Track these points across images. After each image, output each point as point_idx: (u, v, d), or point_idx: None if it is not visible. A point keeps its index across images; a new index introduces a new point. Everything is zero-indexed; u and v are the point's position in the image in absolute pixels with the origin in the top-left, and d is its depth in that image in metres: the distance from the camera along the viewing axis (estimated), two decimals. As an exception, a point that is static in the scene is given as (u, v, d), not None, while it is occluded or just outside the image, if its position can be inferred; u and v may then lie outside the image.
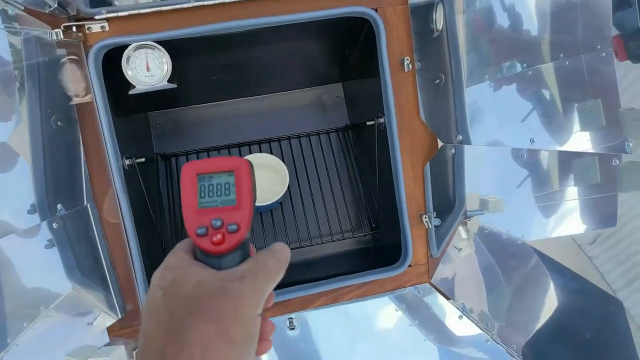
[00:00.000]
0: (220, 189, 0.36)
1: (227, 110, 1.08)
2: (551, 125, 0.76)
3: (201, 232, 0.35)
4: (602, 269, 0.92)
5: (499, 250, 0.85)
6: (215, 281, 0.33)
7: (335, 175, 1.06)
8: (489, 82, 0.77)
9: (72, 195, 0.71)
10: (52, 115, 0.70)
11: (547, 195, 0.82)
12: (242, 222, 0.35)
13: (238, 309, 0.32)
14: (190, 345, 0.30)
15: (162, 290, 0.33)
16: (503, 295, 0.84)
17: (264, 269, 0.35)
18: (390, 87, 0.77)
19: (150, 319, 0.33)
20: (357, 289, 0.82)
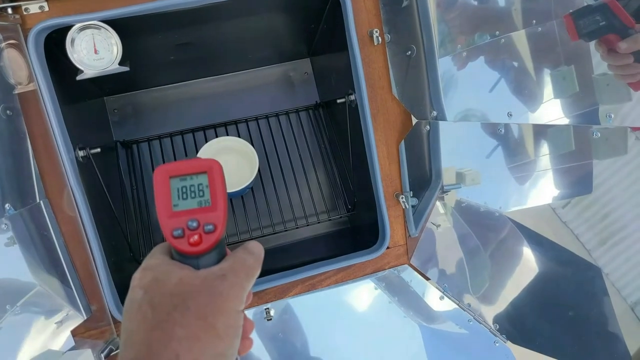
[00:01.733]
0: (194, 190, 0.37)
1: (189, 92, 1.03)
2: (526, 94, 0.74)
3: (177, 233, 0.36)
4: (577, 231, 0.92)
5: (477, 223, 0.85)
6: (197, 279, 0.34)
7: (308, 156, 1.03)
8: (461, 52, 0.75)
9: (22, 192, 0.66)
10: (1, 104, 0.65)
11: (522, 166, 0.81)
12: (219, 222, 0.36)
13: (222, 304, 0.33)
14: (177, 339, 0.31)
15: (142, 289, 0.34)
16: (483, 270, 0.84)
17: (243, 266, 0.36)
18: (360, 61, 0.73)
19: (132, 317, 0.33)
20: (335, 274, 0.80)
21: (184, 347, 0.31)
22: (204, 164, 0.38)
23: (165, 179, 0.37)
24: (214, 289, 0.34)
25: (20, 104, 0.66)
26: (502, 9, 0.74)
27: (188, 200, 0.37)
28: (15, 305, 0.67)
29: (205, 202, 0.37)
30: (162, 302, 0.33)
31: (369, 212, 0.88)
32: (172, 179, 0.37)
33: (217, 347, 0.32)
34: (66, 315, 0.71)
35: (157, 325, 0.32)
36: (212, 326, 0.32)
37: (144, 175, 0.96)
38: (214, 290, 0.34)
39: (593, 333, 0.77)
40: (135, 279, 0.36)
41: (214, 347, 0.32)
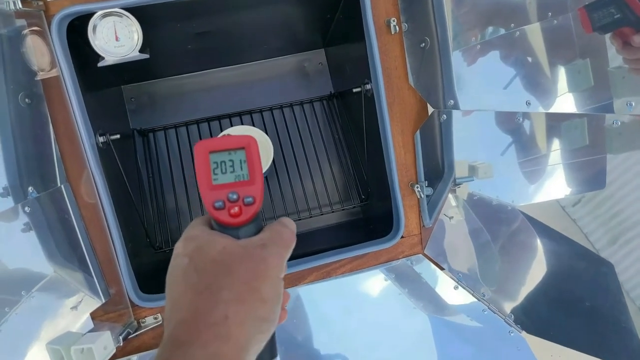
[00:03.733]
0: (232, 165, 0.39)
1: (205, 81, 1.04)
2: (540, 88, 0.75)
3: (218, 205, 0.38)
4: (586, 229, 0.93)
5: (489, 216, 0.85)
6: (239, 247, 0.36)
7: (322, 146, 1.04)
8: (475, 45, 0.76)
9: (44, 176, 0.69)
10: (19, 92, 0.67)
11: (535, 160, 0.82)
12: (257, 195, 0.39)
13: (265, 271, 0.35)
14: (224, 302, 0.33)
15: (187, 257, 0.36)
16: (496, 263, 0.85)
17: (281, 237, 0.38)
18: (377, 51, 0.74)
19: (178, 283, 0.35)
20: (349, 262, 0.82)
21: (231, 309, 0.33)
22: (241, 140, 0.40)
23: (205, 153, 0.39)
24: (256, 257, 0.36)
25: (43, 89, 0.68)
26: (517, 2, 0.74)
27: (227, 174, 0.39)
28: (31, 291, 0.69)
29: (243, 176, 0.39)
30: (207, 268, 0.35)
31: (382, 202, 0.90)
32: (212, 154, 0.39)
33: (262, 311, 0.34)
34: (81, 299, 0.73)
35: (204, 289, 0.34)
36: (257, 290, 0.34)
37: (160, 163, 0.98)
38: (257, 257, 0.36)
39: (607, 326, 0.77)
40: (179, 247, 0.38)
41: (259, 311, 0.34)
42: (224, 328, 0.32)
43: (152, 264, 0.91)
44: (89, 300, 0.73)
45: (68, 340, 0.66)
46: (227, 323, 0.32)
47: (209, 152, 0.39)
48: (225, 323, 0.32)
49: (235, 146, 0.40)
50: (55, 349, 0.65)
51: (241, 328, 0.33)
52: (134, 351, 0.76)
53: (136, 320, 0.76)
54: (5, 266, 0.66)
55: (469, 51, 0.76)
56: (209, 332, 0.32)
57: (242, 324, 0.33)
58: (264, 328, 0.35)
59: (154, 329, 0.76)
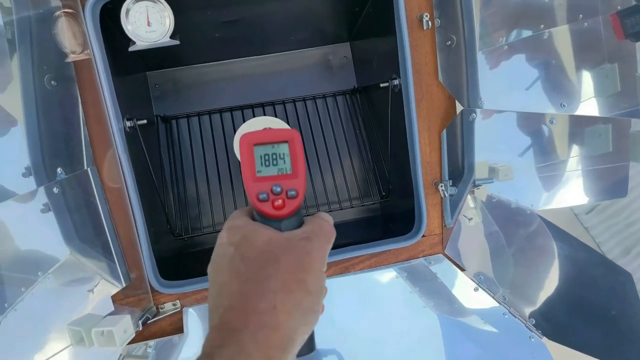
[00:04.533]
0: (276, 158, 0.40)
1: (229, 70, 1.05)
2: (565, 91, 0.74)
3: (263, 197, 0.39)
4: (599, 238, 0.93)
5: (508, 219, 0.85)
6: (284, 239, 0.37)
7: (343, 140, 1.04)
8: (503, 46, 0.75)
9: (72, 158, 0.69)
10: (45, 75, 0.68)
11: (556, 165, 0.81)
12: (300, 189, 0.39)
13: (310, 263, 0.36)
14: (272, 291, 0.33)
15: (232, 246, 0.37)
16: (515, 267, 0.85)
17: (323, 231, 0.39)
18: (408, 46, 0.74)
19: (224, 270, 0.36)
20: (369, 258, 0.82)
21: (279, 299, 0.33)
22: (285, 133, 0.41)
23: (250, 146, 0.40)
24: (301, 249, 0.36)
25: (75, 71, 0.69)
26: (546, 3, 0.74)
27: (270, 167, 0.40)
28: (47, 272, 0.70)
29: (286, 170, 0.40)
30: (254, 257, 0.35)
31: (403, 199, 0.90)
32: (256, 147, 0.40)
33: (308, 302, 0.35)
34: (98, 282, 0.73)
35: (251, 278, 0.34)
36: (303, 281, 0.35)
37: (182, 150, 0.99)
38: (301, 249, 0.36)
39: (625, 335, 0.77)
40: (223, 237, 0.38)
41: (304, 302, 0.34)
42: (273, 317, 0.33)
43: (172, 250, 0.92)
44: (108, 284, 0.74)
45: (89, 322, 0.67)
46: (275, 312, 0.33)
47: (254, 144, 0.40)
48: (273, 312, 0.33)
49: (279, 139, 0.40)
50: (76, 330, 0.66)
51: (288, 318, 0.33)
52: (151, 337, 0.77)
53: (155, 306, 0.77)
54: (22, 246, 0.67)
55: (496, 52, 0.76)
56: (258, 320, 0.33)
57: (289, 313, 0.34)
58: (310, 319, 0.36)
59: (172, 315, 0.77)
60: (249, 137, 0.40)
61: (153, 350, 0.76)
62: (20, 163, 0.65)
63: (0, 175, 0.63)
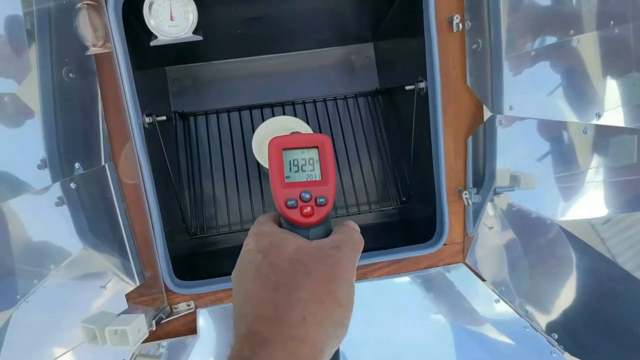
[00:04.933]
0: (305, 164, 0.39)
1: (250, 68, 1.03)
2: (587, 99, 0.72)
3: (291, 204, 0.38)
4: (615, 250, 0.90)
5: (527, 229, 0.83)
6: (313, 248, 0.36)
7: (363, 143, 1.02)
8: (530, 51, 0.73)
9: (90, 153, 0.69)
10: (64, 67, 0.67)
11: (578, 175, 0.79)
12: (330, 196, 0.38)
13: (340, 274, 0.34)
14: (303, 302, 0.32)
15: (261, 253, 0.36)
16: (535, 278, 0.82)
17: (352, 240, 0.37)
18: (436, 48, 0.72)
19: (251, 278, 0.35)
20: (387, 266, 0.80)
21: (309, 310, 0.32)
22: (315, 138, 0.40)
23: (279, 150, 0.39)
24: (331, 259, 0.35)
25: (95, 65, 0.68)
26: (576, 10, 0.71)
27: (299, 172, 0.39)
28: (60, 265, 0.69)
29: (315, 176, 0.39)
30: (284, 266, 0.34)
31: (424, 205, 0.88)
32: (285, 151, 0.39)
33: (338, 314, 0.33)
34: (115, 277, 0.73)
35: (281, 287, 0.33)
36: (334, 292, 0.34)
37: (199, 148, 0.98)
38: (331, 259, 0.35)
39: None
40: (249, 243, 0.37)
41: (335, 314, 0.33)
42: (302, 329, 0.32)
43: (187, 249, 0.91)
44: (121, 281, 0.73)
45: (102, 321, 0.66)
46: (305, 324, 0.32)
47: (283, 149, 0.39)
48: (303, 324, 0.32)
49: (309, 144, 0.39)
50: (90, 328, 0.65)
51: (318, 330, 0.33)
52: (164, 336, 0.76)
53: (169, 305, 0.76)
54: (36, 238, 0.67)
55: (523, 57, 0.74)
56: (288, 331, 0.32)
57: (319, 325, 0.33)
58: (339, 332, 0.34)
59: (186, 316, 0.76)
60: (278, 141, 0.39)
61: (165, 350, 0.76)
62: (36, 155, 0.65)
63: (16, 166, 0.63)
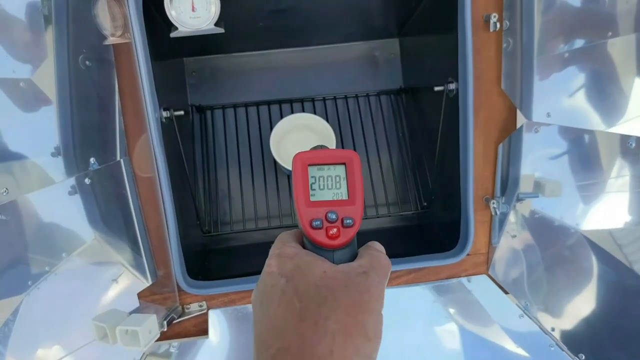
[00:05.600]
0: (331, 181, 0.37)
1: (270, 61, 1.01)
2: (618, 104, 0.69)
3: (316, 224, 0.35)
4: (632, 257, 0.87)
5: (550, 238, 0.80)
6: (340, 273, 0.34)
7: (384, 143, 0.99)
8: (564, 53, 0.70)
9: (105, 148, 0.67)
10: (80, 55, 0.65)
11: (606, 183, 0.76)
12: (357, 217, 0.36)
13: (369, 303, 0.32)
14: (330, 334, 0.30)
15: (284, 277, 0.33)
16: (559, 292, 0.79)
17: (380, 265, 0.35)
18: (470, 48, 0.68)
19: (275, 304, 0.33)
20: (407, 274, 0.77)
21: (337, 343, 0.30)
22: (343, 155, 0.38)
23: (304, 166, 0.37)
24: (360, 286, 0.33)
25: (114, 55, 0.66)
26: (612, 11, 0.68)
27: (325, 190, 0.37)
28: (71, 253, 0.68)
29: (342, 195, 0.37)
30: (310, 293, 0.32)
31: (446, 212, 0.85)
32: (311, 167, 0.37)
33: (366, 348, 0.31)
34: (126, 271, 0.71)
35: (307, 317, 0.31)
36: (362, 325, 0.32)
37: (215, 143, 0.96)
38: (360, 287, 0.33)
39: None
40: (272, 265, 0.35)
41: (363, 347, 0.31)
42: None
43: (198, 246, 0.89)
44: (133, 277, 0.72)
45: (114, 319, 0.65)
46: (332, 358, 0.30)
47: (308, 164, 0.37)
48: (330, 358, 0.30)
49: (335, 161, 0.37)
50: (101, 326, 0.64)
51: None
52: (175, 336, 0.74)
53: (181, 305, 0.74)
54: (51, 228, 0.67)
55: (560, 61, 0.70)
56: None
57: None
58: None
59: (197, 317, 0.74)
60: (303, 157, 0.37)
61: (176, 351, 0.74)
62: (50, 142, 0.64)
63: (30, 151, 0.62)
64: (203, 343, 0.75)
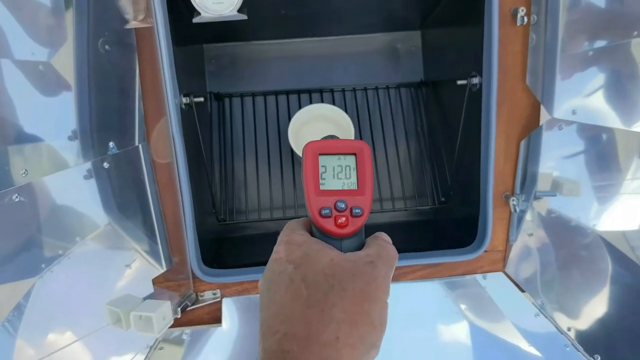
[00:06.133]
0: (341, 171, 0.38)
1: (291, 50, 1.00)
2: None
3: (325, 213, 0.36)
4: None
5: (566, 238, 0.79)
6: (348, 262, 0.34)
7: (403, 137, 0.99)
8: (588, 51, 0.68)
9: (124, 132, 0.67)
10: (100, 39, 0.65)
11: (626, 183, 0.75)
12: (366, 207, 0.36)
13: (375, 292, 0.33)
14: (336, 322, 0.31)
15: (292, 264, 0.34)
16: (575, 292, 0.78)
17: (388, 255, 0.36)
18: (496, 42, 0.67)
19: (282, 291, 0.33)
20: (422, 269, 0.77)
21: (343, 331, 0.31)
22: (354, 145, 0.38)
23: (315, 155, 0.38)
24: (366, 275, 0.33)
25: (136, 40, 0.66)
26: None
27: (335, 180, 0.37)
28: (85, 238, 0.69)
29: (351, 185, 0.37)
30: (317, 281, 0.33)
31: (465, 208, 0.84)
32: (321, 157, 0.38)
33: (371, 336, 0.32)
34: (135, 259, 0.72)
35: (314, 304, 0.32)
36: (368, 313, 0.32)
37: (233, 131, 0.96)
38: (367, 276, 0.33)
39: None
40: (280, 251, 0.36)
41: (368, 336, 0.32)
42: (335, 350, 0.30)
43: (213, 233, 0.90)
44: (147, 263, 0.72)
45: (127, 304, 0.65)
46: (337, 345, 0.30)
47: (319, 154, 0.38)
48: (336, 345, 0.30)
49: (347, 151, 0.38)
50: (114, 311, 0.64)
51: (352, 352, 0.31)
52: (187, 324, 0.75)
53: (195, 292, 0.74)
54: (65, 211, 0.67)
55: (587, 58, 0.69)
56: (321, 352, 0.30)
57: (352, 348, 0.31)
58: (372, 354, 0.32)
59: (211, 305, 0.75)
60: (314, 146, 0.38)
61: (188, 338, 0.75)
62: (68, 125, 0.65)
63: (47, 134, 0.63)
64: (215, 331, 0.75)
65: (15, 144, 0.60)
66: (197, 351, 0.74)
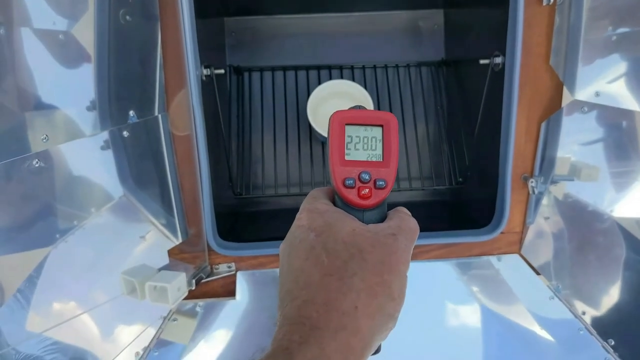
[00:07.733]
0: (367, 142, 0.38)
1: (311, 25, 1.00)
2: None
3: (349, 183, 0.36)
4: None
5: (583, 224, 0.79)
6: (370, 233, 0.34)
7: (422, 115, 0.99)
8: (612, 35, 0.67)
9: (145, 102, 0.68)
10: (122, 8, 0.66)
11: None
12: (390, 179, 0.37)
13: (396, 264, 0.33)
14: (356, 291, 0.31)
15: (314, 231, 0.34)
16: (589, 276, 0.79)
17: (409, 229, 0.35)
18: (521, 21, 0.67)
19: (302, 257, 0.34)
20: (438, 248, 0.78)
21: (362, 301, 0.31)
22: (381, 116, 0.38)
23: (341, 125, 0.37)
24: (388, 247, 0.33)
25: (159, 9, 0.66)
26: None
27: (360, 151, 0.37)
28: (100, 209, 0.70)
29: (377, 157, 0.37)
30: (338, 249, 0.33)
31: (483, 189, 0.84)
32: (348, 127, 0.38)
33: (390, 308, 0.32)
34: (150, 230, 0.73)
35: (334, 272, 0.32)
36: (388, 285, 0.32)
37: (251, 105, 0.97)
38: (388, 248, 0.33)
39: None
40: (302, 219, 0.36)
41: (386, 307, 0.32)
42: (354, 320, 0.31)
43: (230, 208, 0.91)
44: (162, 235, 0.73)
45: (143, 274, 0.67)
46: (356, 314, 0.31)
47: (346, 124, 0.38)
48: (355, 314, 0.31)
49: (374, 122, 0.38)
50: (130, 280, 0.66)
51: (370, 322, 0.31)
52: (201, 296, 0.77)
53: (210, 265, 0.76)
54: (81, 181, 0.67)
55: (603, 41, 0.68)
56: (339, 320, 0.30)
57: (371, 318, 0.31)
58: (389, 325, 0.33)
59: (225, 278, 0.77)
60: (341, 115, 0.38)
61: (201, 310, 0.77)
62: (86, 96, 0.65)
63: (65, 103, 0.63)
64: (229, 304, 0.77)
65: (35, 111, 0.61)
66: (210, 323, 0.76)
